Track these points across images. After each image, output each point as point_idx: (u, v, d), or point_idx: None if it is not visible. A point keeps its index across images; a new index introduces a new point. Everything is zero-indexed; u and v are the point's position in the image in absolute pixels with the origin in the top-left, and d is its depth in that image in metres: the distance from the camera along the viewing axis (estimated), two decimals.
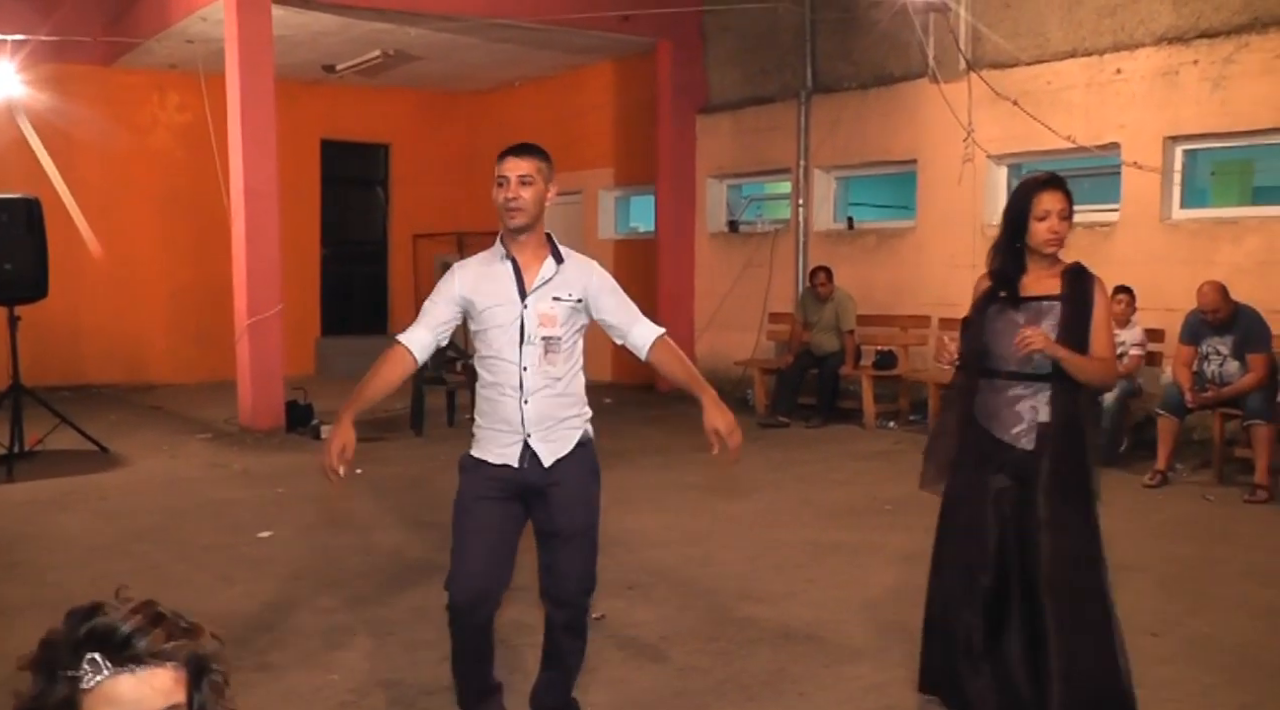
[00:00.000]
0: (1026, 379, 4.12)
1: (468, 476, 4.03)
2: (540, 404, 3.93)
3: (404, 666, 4.99)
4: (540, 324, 3.91)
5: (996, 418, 4.17)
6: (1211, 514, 7.96)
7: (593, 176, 15.65)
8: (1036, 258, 4.17)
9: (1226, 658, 5.15)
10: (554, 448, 3.96)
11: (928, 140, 11.72)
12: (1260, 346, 8.53)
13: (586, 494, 4.05)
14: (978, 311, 4.23)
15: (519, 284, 3.94)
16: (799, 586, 6.22)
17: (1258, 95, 9.38)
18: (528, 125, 16.16)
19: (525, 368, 3.91)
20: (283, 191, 11.62)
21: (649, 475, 9.11)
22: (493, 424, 3.98)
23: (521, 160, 3.92)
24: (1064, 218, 4.10)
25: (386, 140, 17.17)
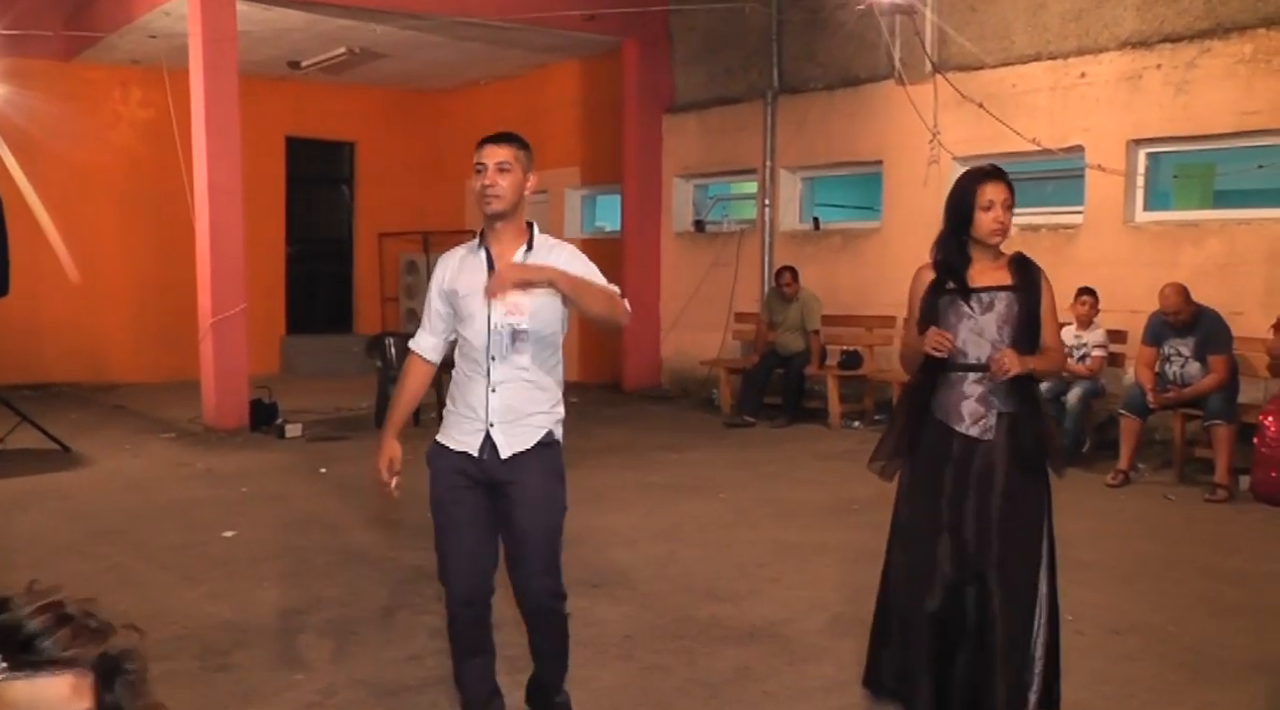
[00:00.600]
0: (984, 369, 4.12)
1: (435, 469, 4.02)
2: (507, 394, 3.90)
3: (370, 666, 4.95)
4: (507, 313, 3.88)
5: (956, 411, 4.17)
6: (1173, 513, 8.03)
7: (559, 176, 15.60)
8: (981, 249, 4.18)
9: (1187, 655, 5.19)
10: (513, 441, 3.91)
11: (893, 141, 11.76)
12: (1221, 348, 8.61)
13: (548, 495, 3.99)
14: (927, 305, 4.22)
15: (490, 273, 3.91)
16: (763, 585, 6.22)
17: (1219, 99, 9.46)
18: (494, 124, 15.92)
19: (494, 357, 3.89)
20: (247, 189, 11.55)
21: (614, 474, 9.10)
22: (459, 409, 3.98)
23: (499, 148, 3.89)
24: (1007, 208, 4.13)
25: (352, 138, 17.09)
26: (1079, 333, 9.54)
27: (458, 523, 3.95)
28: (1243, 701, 4.67)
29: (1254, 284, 9.20)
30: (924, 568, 4.19)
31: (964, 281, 4.16)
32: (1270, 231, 9.30)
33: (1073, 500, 8.26)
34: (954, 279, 4.17)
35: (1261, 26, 9.24)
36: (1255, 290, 9.16)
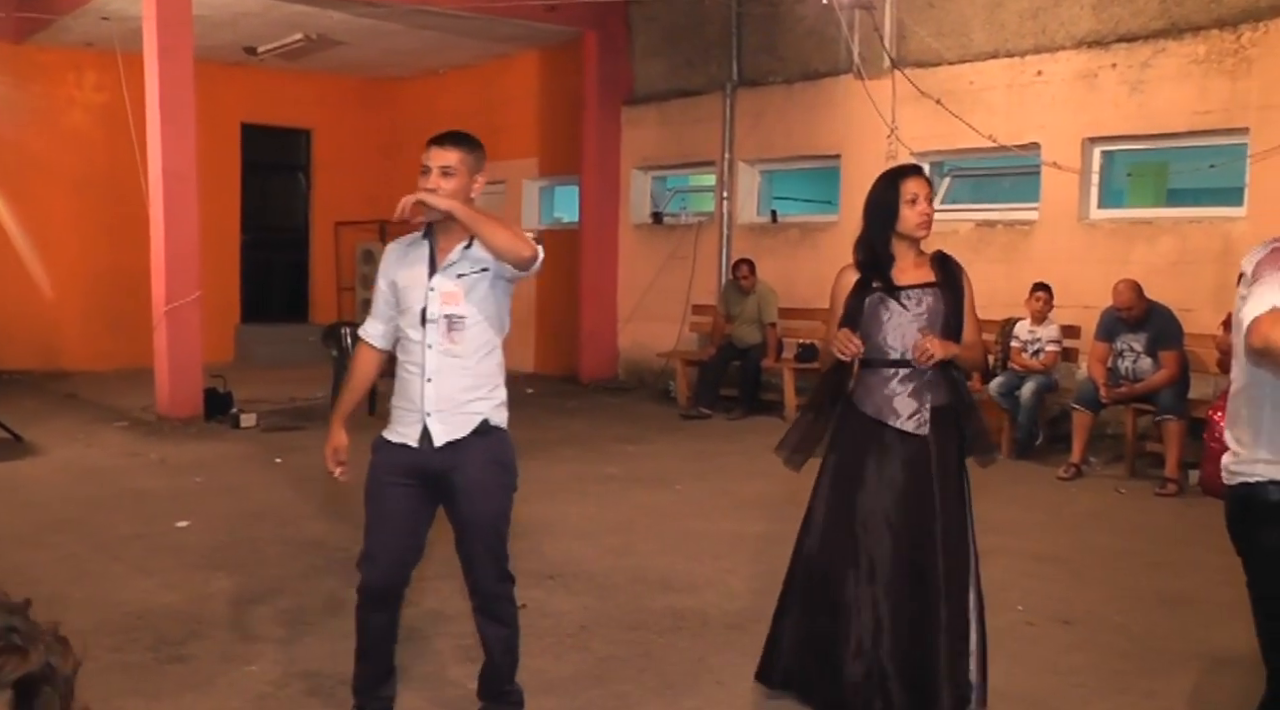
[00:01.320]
0: (912, 365, 4.19)
1: (375, 459, 4.03)
2: (442, 383, 3.90)
3: (322, 657, 4.93)
4: (443, 302, 3.89)
5: (887, 406, 4.21)
6: (1123, 506, 8.12)
7: (517, 166, 15.58)
8: (904, 247, 4.25)
9: (1136, 645, 5.26)
10: (448, 429, 3.91)
11: (851, 136, 11.81)
12: (1173, 344, 8.73)
13: (491, 483, 4.00)
14: (852, 305, 4.27)
15: (432, 264, 3.93)
16: (718, 576, 6.24)
17: (1173, 99, 9.57)
18: (452, 114, 16.01)
19: (429, 346, 3.90)
20: (202, 175, 11.44)
21: (569, 466, 9.10)
22: (400, 403, 3.99)
23: (445, 151, 3.87)
24: (930, 202, 4.21)
25: (308, 125, 16.96)
26: (1033, 328, 9.64)
27: (386, 515, 3.97)
28: (1187, 690, 4.73)
29: (1205, 281, 9.31)
30: (848, 563, 4.23)
31: (889, 280, 4.23)
32: (1221, 230, 9.41)
33: (1025, 493, 8.38)
34: (880, 278, 4.24)
35: (1215, 27, 9.35)
36: (1206, 287, 9.27)
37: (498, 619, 4.15)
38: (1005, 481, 8.76)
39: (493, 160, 14.80)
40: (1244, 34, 9.18)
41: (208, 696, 4.52)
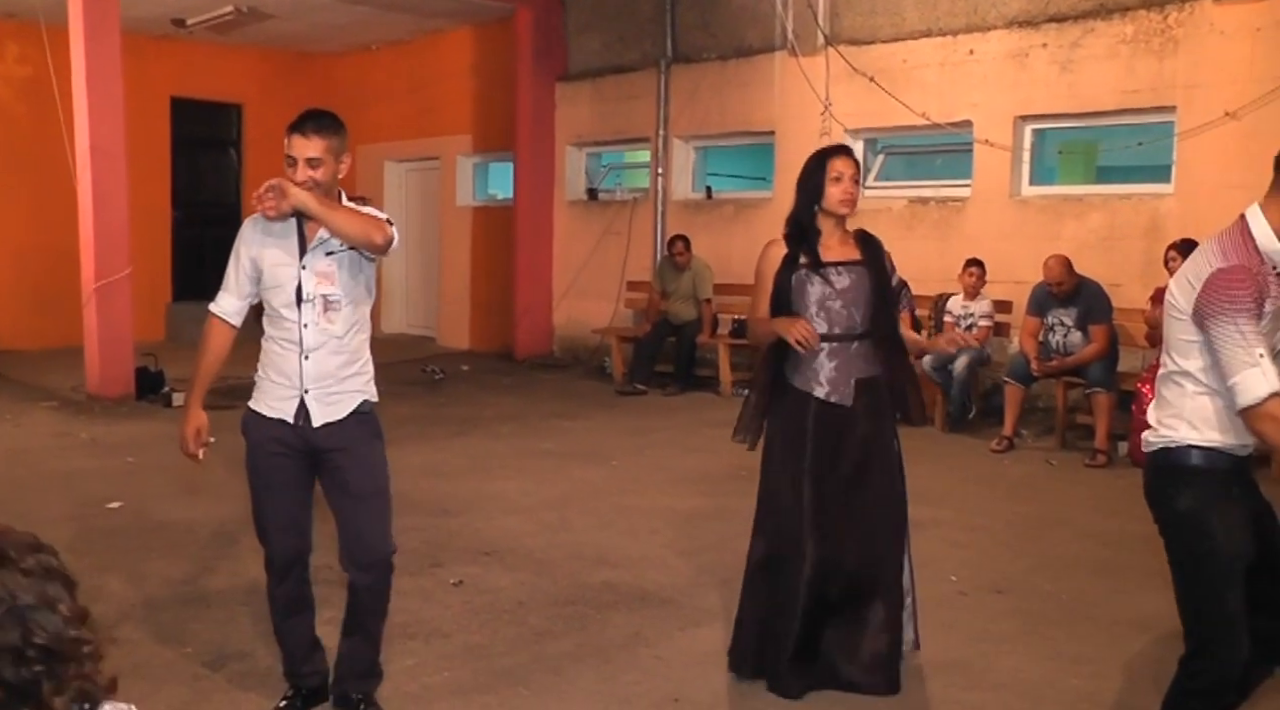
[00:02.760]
0: (839, 339, 4.31)
1: (251, 437, 4.02)
2: (321, 361, 3.90)
3: (257, 638, 4.88)
4: (318, 282, 3.88)
5: (815, 379, 4.32)
6: (1054, 477, 8.25)
7: (451, 143, 15.48)
8: (830, 224, 4.38)
9: (1065, 613, 5.35)
10: (328, 410, 3.92)
11: (786, 113, 11.84)
12: (1102, 318, 8.87)
13: (371, 456, 4.02)
14: (781, 280, 4.36)
15: (300, 242, 3.91)
16: (654, 551, 6.26)
17: (1102, 78, 9.69)
18: (384, 89, 15.93)
19: (305, 325, 3.89)
20: (131, 151, 11.25)
21: (505, 442, 9.08)
22: (272, 376, 3.97)
23: (309, 141, 3.84)
24: (854, 181, 4.33)
25: (239, 100, 16.68)
26: (966, 303, 9.74)
27: (275, 487, 3.98)
28: (1116, 655, 4.82)
29: (1133, 257, 9.46)
30: (794, 538, 4.31)
31: (817, 256, 4.34)
32: (1149, 206, 9.55)
33: (958, 465, 8.49)
34: (807, 253, 4.35)
35: (1142, 8, 9.46)
36: (1134, 263, 9.42)
37: (382, 594, 4.12)
38: (939, 454, 8.89)
39: (426, 137, 14.69)
40: (1170, 14, 9.31)
41: (142, 679, 4.46)
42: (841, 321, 4.31)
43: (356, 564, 4.04)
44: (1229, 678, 3.25)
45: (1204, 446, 3.21)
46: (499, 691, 4.40)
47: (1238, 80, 8.84)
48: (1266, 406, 3.01)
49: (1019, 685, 4.50)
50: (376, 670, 4.24)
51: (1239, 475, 3.27)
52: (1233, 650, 3.22)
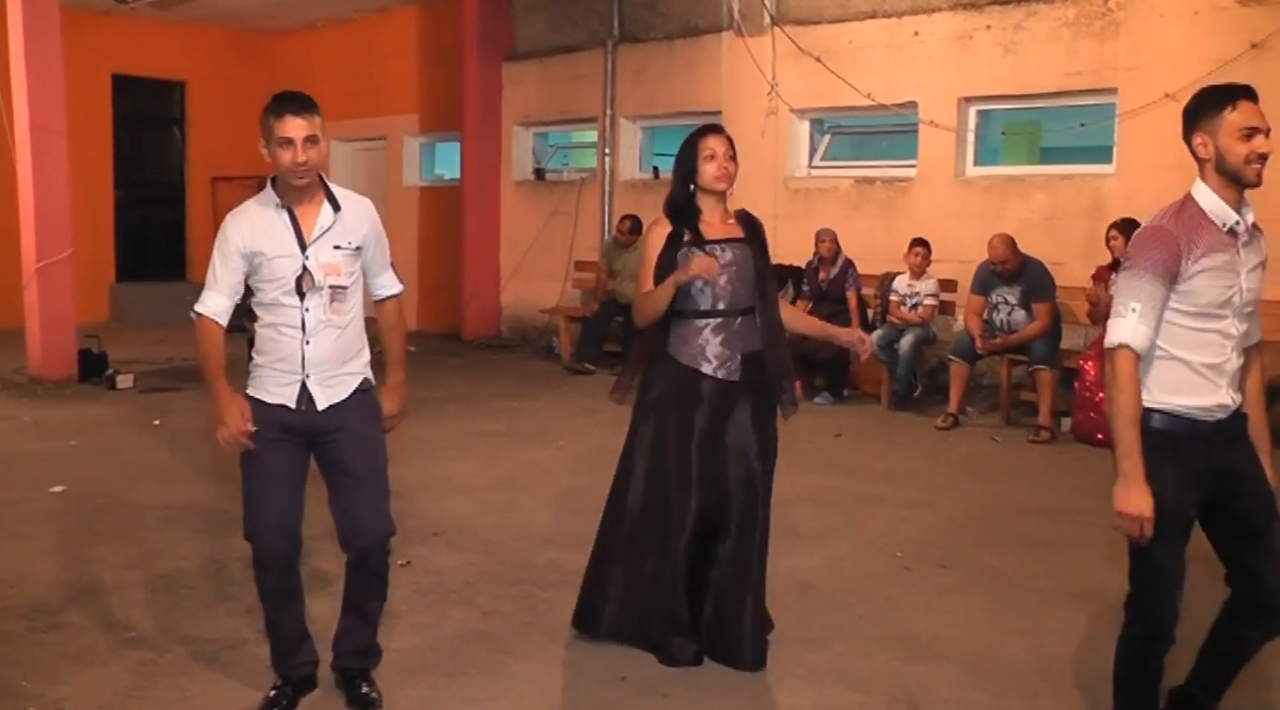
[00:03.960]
0: (723, 315, 4.40)
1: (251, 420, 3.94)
2: (322, 346, 3.89)
3: (204, 621, 4.85)
4: (326, 273, 3.87)
5: (701, 354, 4.41)
6: (999, 454, 8.35)
7: (397, 122, 15.40)
8: (710, 203, 4.45)
9: (1008, 586, 5.42)
10: (331, 393, 3.93)
11: (732, 93, 11.85)
12: (1045, 297, 8.97)
13: (371, 438, 4.04)
14: (664, 258, 4.42)
15: (298, 234, 3.87)
16: None
17: (1045, 60, 9.79)
18: (330, 68, 15.78)
19: (307, 309, 3.87)
20: (72, 128, 11.09)
21: (453, 423, 9.06)
22: (271, 363, 3.93)
23: (303, 119, 3.79)
24: (729, 158, 4.39)
25: (183, 78, 16.49)
26: (912, 282, 9.82)
27: (271, 474, 3.92)
28: (1057, 627, 4.89)
29: (1075, 236, 9.57)
30: (677, 508, 4.41)
31: (699, 233, 4.41)
32: (1090, 187, 9.67)
33: (904, 443, 8.57)
34: (689, 230, 4.42)
35: None
36: (1077, 242, 9.52)
37: (380, 575, 4.16)
38: (885, 432, 8.97)
39: (372, 116, 14.52)
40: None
41: (87, 665, 4.43)
42: (726, 297, 4.39)
43: (354, 546, 4.04)
44: (1157, 624, 3.44)
45: (1162, 410, 3.37)
46: (447, 671, 4.40)
47: (1177, 63, 8.94)
48: (1115, 352, 3.32)
49: (962, 657, 4.56)
50: (375, 649, 4.24)
51: (1201, 439, 3.37)
52: (1157, 598, 3.41)
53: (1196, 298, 3.31)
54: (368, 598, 4.15)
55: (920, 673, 4.40)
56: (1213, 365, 3.35)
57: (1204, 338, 3.35)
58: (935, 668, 4.45)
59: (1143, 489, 3.26)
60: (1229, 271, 3.31)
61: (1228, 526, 3.47)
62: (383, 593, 4.20)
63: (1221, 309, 3.32)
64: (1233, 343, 3.36)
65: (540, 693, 4.24)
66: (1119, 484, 3.30)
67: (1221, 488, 3.41)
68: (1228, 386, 3.37)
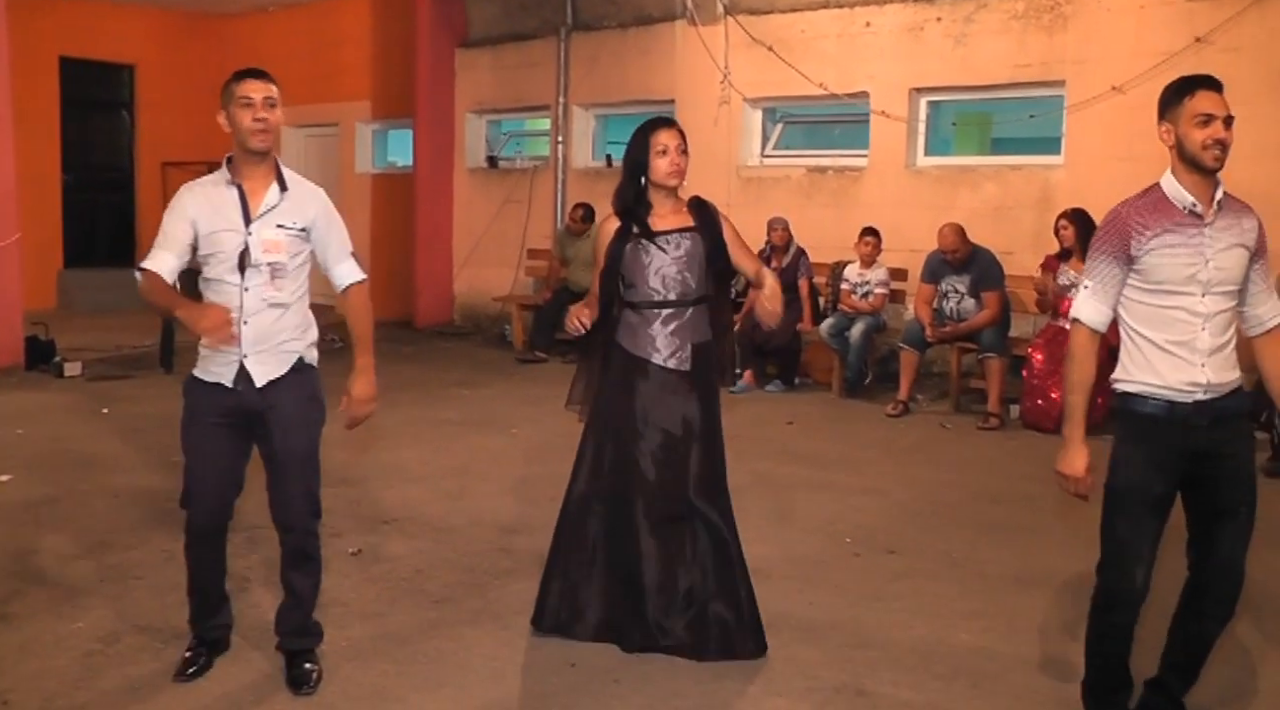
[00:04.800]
0: (674, 305, 4.42)
1: (190, 399, 4.09)
2: (260, 326, 3.96)
3: (153, 612, 4.82)
4: (265, 250, 3.94)
5: (652, 345, 4.43)
6: (948, 440, 8.43)
7: (350, 109, 15.30)
8: (661, 195, 4.46)
9: (958, 571, 5.49)
10: (267, 369, 3.99)
11: (685, 81, 11.87)
12: (994, 285, 9.06)
13: (306, 418, 4.09)
14: (612, 251, 4.45)
15: (244, 210, 3.95)
16: (553, 518, 6.20)
17: (995, 52, 9.89)
18: (282, 53, 15.60)
19: (247, 288, 3.93)
20: (18, 112, 10.91)
21: (405, 411, 9.03)
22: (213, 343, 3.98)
23: (265, 83, 3.97)
24: (681, 152, 4.40)
25: (131, 61, 16.28)
26: (862, 271, 9.88)
27: (207, 452, 4.03)
28: (1004, 611, 4.95)
29: (1025, 226, 9.67)
30: (625, 498, 4.43)
31: (647, 226, 4.42)
32: (1040, 177, 9.77)
33: (854, 430, 8.63)
34: (637, 224, 4.42)
35: None
36: (1026, 232, 9.62)
37: (309, 556, 4.22)
38: (835, 419, 9.03)
39: (325, 102, 14.38)
40: None
41: (33, 656, 4.39)
42: (676, 288, 4.41)
43: (283, 525, 4.14)
44: (1116, 596, 3.59)
45: (1135, 391, 3.53)
46: (397, 659, 4.40)
47: (1124, 56, 9.06)
48: (1074, 326, 3.61)
49: (910, 641, 4.61)
50: (311, 629, 4.30)
51: (1179, 420, 3.48)
52: (1115, 571, 3.57)
53: (1152, 275, 3.47)
54: (299, 577, 4.22)
55: (869, 658, 4.45)
56: (1181, 342, 3.47)
57: (1168, 315, 3.48)
58: (884, 653, 4.50)
59: (1078, 450, 3.52)
60: (1190, 250, 3.44)
61: (1199, 503, 3.59)
62: (314, 573, 4.26)
63: (1184, 286, 3.45)
64: (1203, 320, 3.47)
65: (491, 679, 4.24)
66: (1061, 457, 3.55)
67: (1199, 469, 3.52)
68: (1205, 365, 3.47)
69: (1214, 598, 3.59)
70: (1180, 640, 3.71)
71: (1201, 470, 3.51)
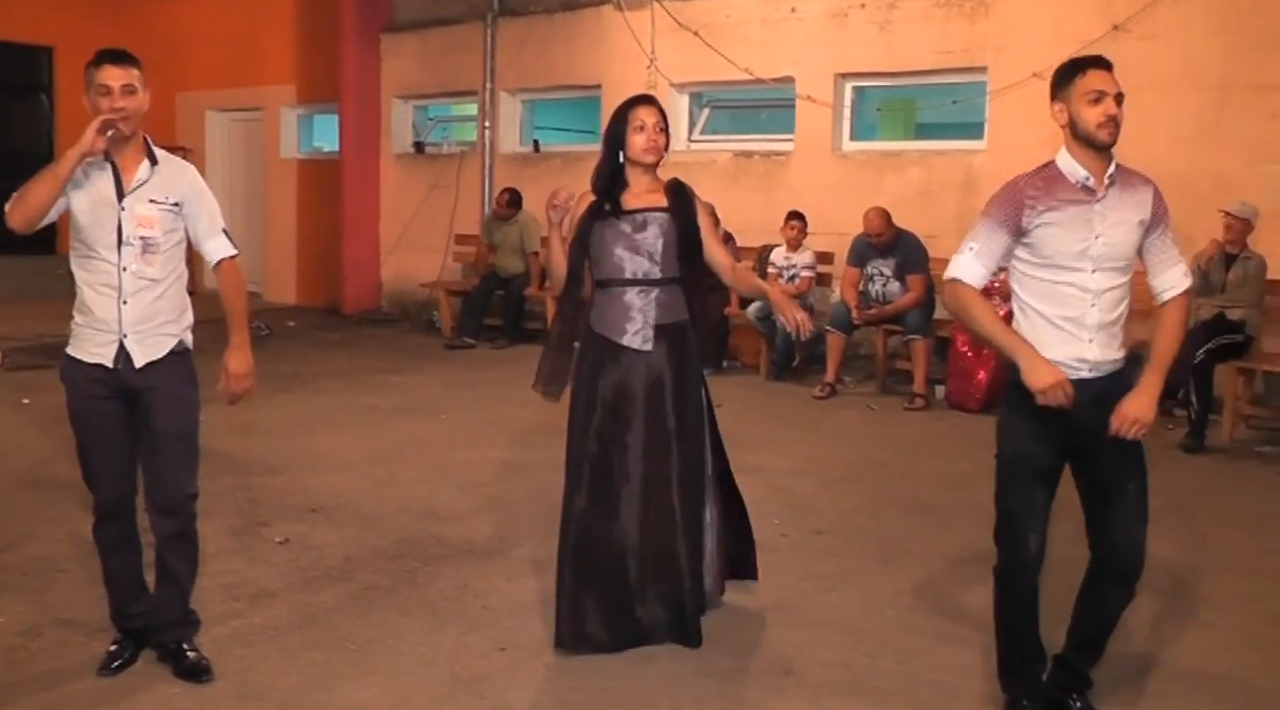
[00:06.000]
0: (640, 285, 4.40)
1: (71, 382, 4.06)
2: (139, 305, 3.96)
3: (77, 605, 4.75)
4: (138, 225, 3.94)
5: (614, 324, 4.41)
6: (875, 421, 8.54)
7: (274, 93, 15.13)
8: (637, 173, 4.45)
9: (883, 548, 5.57)
10: (148, 350, 4.00)
11: (612, 66, 11.86)
12: (919, 268, 9.17)
13: (184, 399, 4.09)
14: (583, 226, 4.43)
15: (117, 185, 3.96)
16: (483, 504, 6.28)
17: (918, 39, 10.00)
18: (206, 36, 15.42)
19: (125, 268, 3.94)
20: None
21: (332, 398, 8.96)
22: (90, 322, 3.99)
23: (121, 69, 3.98)
24: (659, 130, 4.40)
25: (50, 43, 15.93)
26: (789, 255, 9.95)
27: (100, 431, 4.03)
28: (930, 587, 5.05)
29: (949, 210, 9.78)
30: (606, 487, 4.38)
31: (619, 203, 4.41)
32: (963, 162, 9.90)
33: (782, 412, 8.70)
34: (610, 201, 4.41)
35: None
36: (950, 215, 9.74)
37: (188, 538, 4.17)
38: (763, 401, 9.10)
39: (249, 86, 14.20)
40: None
41: None
42: (640, 266, 4.39)
43: (158, 507, 4.10)
44: (1012, 561, 3.68)
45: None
46: (326, 648, 4.37)
47: (1043, 43, 9.19)
48: (949, 285, 3.68)
49: (840, 621, 4.67)
50: (190, 619, 4.25)
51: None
52: (1006, 539, 3.68)
53: (1041, 249, 3.53)
54: (177, 560, 4.15)
55: (797, 637, 4.50)
56: (1070, 318, 3.53)
57: (1058, 290, 3.53)
58: (812, 631, 4.55)
59: (1044, 364, 3.47)
60: (1080, 224, 3.50)
61: (1087, 483, 3.64)
62: (192, 555, 4.22)
63: (1075, 261, 3.50)
64: (1093, 296, 3.52)
65: (420, 665, 4.24)
66: (1024, 374, 3.48)
67: (1080, 443, 3.56)
68: (1093, 341, 3.53)
69: (1113, 576, 3.64)
70: (1084, 617, 3.76)
71: (1085, 445, 3.56)
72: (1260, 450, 7.67)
